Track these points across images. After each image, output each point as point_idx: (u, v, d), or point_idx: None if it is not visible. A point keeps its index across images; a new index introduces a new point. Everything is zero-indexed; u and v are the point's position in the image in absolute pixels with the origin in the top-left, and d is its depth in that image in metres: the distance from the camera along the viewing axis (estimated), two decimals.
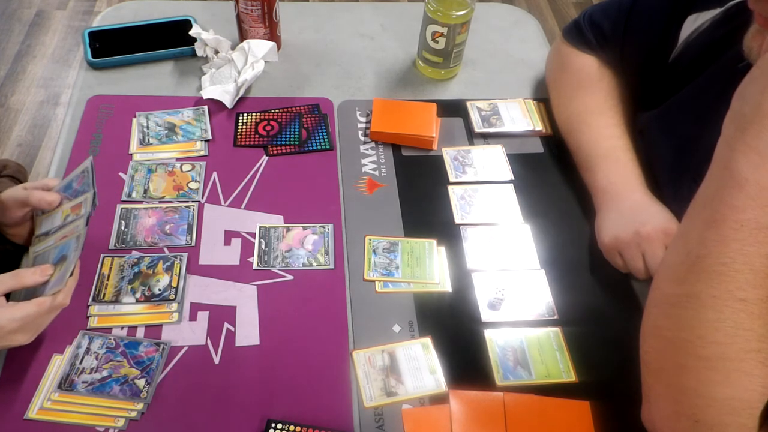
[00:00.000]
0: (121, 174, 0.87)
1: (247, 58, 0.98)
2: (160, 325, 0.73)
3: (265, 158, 0.91)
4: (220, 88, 0.97)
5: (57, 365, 0.69)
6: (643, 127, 0.86)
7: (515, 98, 1.02)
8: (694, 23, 0.78)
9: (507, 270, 0.81)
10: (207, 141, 0.93)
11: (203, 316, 0.74)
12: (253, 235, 0.82)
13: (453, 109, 1.00)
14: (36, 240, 0.73)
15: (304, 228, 0.83)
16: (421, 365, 0.71)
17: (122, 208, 0.83)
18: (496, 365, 0.72)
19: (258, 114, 0.97)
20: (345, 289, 0.78)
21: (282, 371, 0.70)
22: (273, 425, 0.65)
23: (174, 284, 0.76)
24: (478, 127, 0.97)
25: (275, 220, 0.84)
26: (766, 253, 0.51)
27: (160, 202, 0.85)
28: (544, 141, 0.96)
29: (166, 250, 0.80)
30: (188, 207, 0.84)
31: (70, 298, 0.67)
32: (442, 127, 0.97)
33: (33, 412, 0.65)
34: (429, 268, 0.80)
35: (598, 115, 0.89)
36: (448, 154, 0.94)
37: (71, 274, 0.66)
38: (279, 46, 1.07)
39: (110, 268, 0.77)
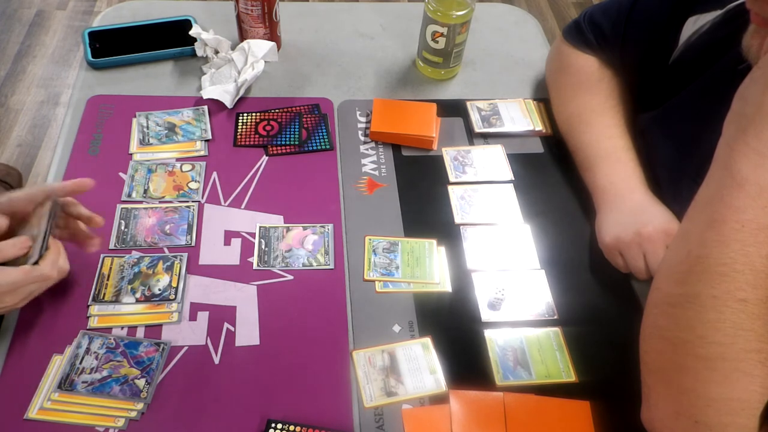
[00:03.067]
0: (121, 174, 0.87)
1: (247, 58, 0.98)
2: (160, 325, 0.73)
3: (265, 158, 0.91)
4: (220, 88, 0.97)
5: (57, 365, 0.69)
6: (644, 127, 0.86)
7: (515, 98, 1.02)
8: (694, 25, 0.78)
9: (507, 270, 0.81)
10: (207, 141, 0.92)
11: (203, 316, 0.74)
12: (253, 235, 0.82)
13: (453, 109, 1.00)
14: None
15: (304, 228, 0.83)
16: (421, 365, 0.71)
17: (122, 208, 0.83)
18: (496, 365, 0.72)
19: (258, 114, 0.97)
20: (345, 289, 0.78)
21: (282, 371, 0.70)
22: (273, 425, 0.65)
23: (174, 284, 0.76)
24: (478, 127, 0.97)
25: (275, 220, 0.84)
26: (766, 253, 0.51)
27: (160, 202, 0.85)
28: (544, 141, 0.96)
29: (166, 250, 0.80)
30: (188, 207, 0.84)
31: (55, 270, 0.68)
32: (442, 127, 0.97)
33: (33, 412, 0.65)
34: (429, 268, 0.80)
35: (599, 115, 0.89)
36: (448, 154, 0.94)
37: (46, 247, 0.68)
38: (279, 46, 1.07)
39: (110, 268, 0.77)
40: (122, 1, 1.16)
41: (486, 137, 0.96)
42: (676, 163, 0.79)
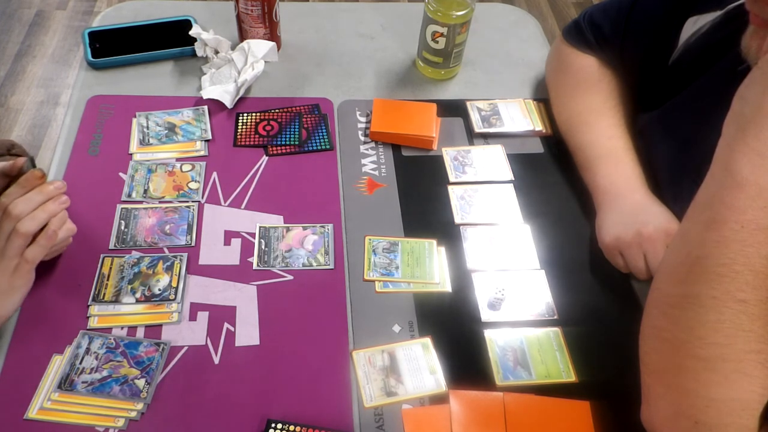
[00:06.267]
0: (121, 174, 0.87)
1: (247, 58, 0.98)
2: (160, 325, 0.73)
3: (265, 158, 0.91)
4: (220, 88, 0.97)
5: (57, 365, 0.69)
6: (644, 127, 0.86)
7: (515, 98, 1.02)
8: (694, 25, 0.78)
9: (507, 270, 0.81)
10: (207, 141, 0.92)
11: (203, 316, 0.74)
12: (253, 235, 0.82)
13: (453, 109, 1.00)
14: None
15: (304, 228, 0.83)
16: (421, 365, 0.71)
17: (122, 208, 0.83)
18: (496, 365, 0.72)
19: (258, 114, 0.97)
20: (345, 289, 0.78)
21: (282, 371, 0.70)
22: (273, 425, 0.66)
23: (174, 284, 0.76)
24: (478, 127, 0.97)
25: (275, 220, 0.84)
26: (766, 254, 0.51)
27: (160, 202, 0.85)
28: (544, 141, 0.96)
29: (166, 250, 0.80)
30: (188, 207, 0.84)
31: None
32: (442, 127, 0.97)
33: (33, 412, 0.65)
34: (429, 268, 0.80)
35: (599, 116, 0.89)
36: (448, 154, 0.94)
37: None
38: (279, 46, 1.07)
39: (110, 268, 0.77)
40: (122, 1, 1.17)
41: (486, 137, 0.96)
42: (676, 163, 0.79)
